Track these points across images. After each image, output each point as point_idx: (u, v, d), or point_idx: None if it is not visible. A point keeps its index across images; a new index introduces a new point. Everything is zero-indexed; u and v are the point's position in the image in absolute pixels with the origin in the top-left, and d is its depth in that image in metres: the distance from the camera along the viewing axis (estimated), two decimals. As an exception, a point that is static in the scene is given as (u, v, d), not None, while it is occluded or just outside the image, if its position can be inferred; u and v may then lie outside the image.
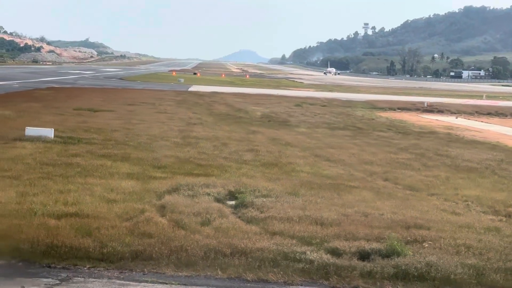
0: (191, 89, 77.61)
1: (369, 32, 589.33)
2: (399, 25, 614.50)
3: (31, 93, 51.85)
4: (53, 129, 24.94)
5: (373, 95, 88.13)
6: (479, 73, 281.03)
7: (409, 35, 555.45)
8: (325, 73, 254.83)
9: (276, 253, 11.65)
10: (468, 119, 54.75)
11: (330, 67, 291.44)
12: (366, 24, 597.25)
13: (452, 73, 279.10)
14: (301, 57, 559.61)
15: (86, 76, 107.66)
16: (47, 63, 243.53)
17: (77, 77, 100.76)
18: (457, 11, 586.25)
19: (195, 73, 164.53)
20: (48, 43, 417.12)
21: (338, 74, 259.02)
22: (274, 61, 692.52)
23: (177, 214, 14.02)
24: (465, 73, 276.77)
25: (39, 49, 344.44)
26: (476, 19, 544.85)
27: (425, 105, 63.76)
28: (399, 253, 11.78)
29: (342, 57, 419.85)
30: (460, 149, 29.50)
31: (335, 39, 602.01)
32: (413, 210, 15.48)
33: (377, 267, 11.17)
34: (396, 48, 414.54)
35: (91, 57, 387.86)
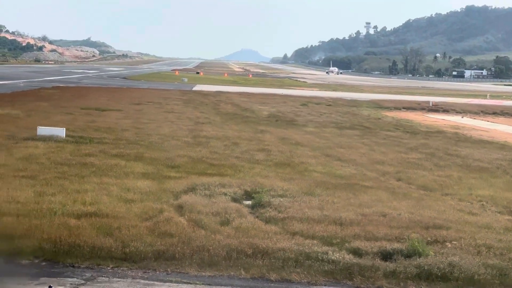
0: (196, 89, 77.63)
1: (371, 31, 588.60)
2: (401, 24, 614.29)
3: (38, 92, 51.90)
4: (64, 128, 24.98)
5: (377, 94, 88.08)
6: (482, 72, 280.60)
7: (410, 34, 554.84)
8: (327, 73, 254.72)
9: (298, 253, 11.67)
10: (474, 118, 54.72)
11: (332, 66, 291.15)
12: (368, 23, 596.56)
13: (454, 73, 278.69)
14: (302, 57, 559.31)
15: (90, 75, 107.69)
16: (50, 62, 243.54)
17: (81, 76, 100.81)
18: (459, 10, 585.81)
19: (197, 73, 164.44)
20: (50, 42, 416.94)
21: (341, 73, 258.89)
22: (275, 60, 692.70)
23: (196, 214, 14.05)
24: (467, 73, 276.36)
25: (41, 48, 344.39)
26: (478, 18, 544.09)
27: (430, 104, 63.70)
28: (420, 253, 11.79)
29: (344, 56, 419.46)
30: (469, 149, 29.51)
31: (337, 38, 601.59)
32: (430, 210, 15.49)
33: (400, 267, 11.19)
34: (398, 48, 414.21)
35: (93, 56, 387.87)
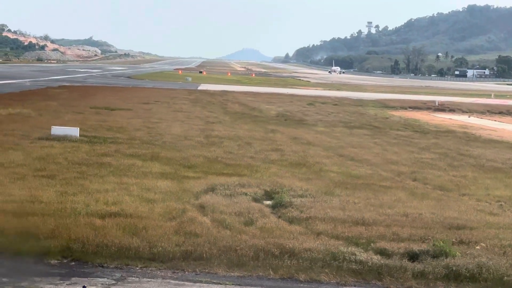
0: (201, 88, 77.65)
1: (373, 30, 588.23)
2: (402, 23, 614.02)
3: (45, 91, 51.95)
4: (78, 128, 25.01)
5: (381, 94, 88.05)
6: (484, 72, 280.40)
7: (412, 34, 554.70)
8: (330, 72, 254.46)
9: (325, 253, 11.67)
10: (481, 118, 54.72)
11: (335, 66, 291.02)
12: (369, 22, 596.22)
13: (456, 72, 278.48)
14: (304, 56, 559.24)
15: (94, 74, 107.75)
16: (52, 61, 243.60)
17: (85, 75, 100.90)
18: (460, 10, 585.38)
19: (200, 72, 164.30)
20: (52, 41, 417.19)
21: (343, 73, 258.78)
22: (277, 59, 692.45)
23: (219, 214, 14.07)
24: (470, 72, 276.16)
25: (43, 47, 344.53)
26: (480, 18, 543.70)
27: (436, 104, 63.70)
28: (447, 254, 11.80)
29: (346, 55, 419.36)
30: (480, 149, 29.52)
31: (338, 37, 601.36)
32: (450, 211, 15.50)
33: (428, 267, 11.19)
34: (399, 47, 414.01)
35: (95, 55, 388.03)
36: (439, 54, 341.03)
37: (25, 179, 16.44)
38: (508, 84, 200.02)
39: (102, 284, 10.37)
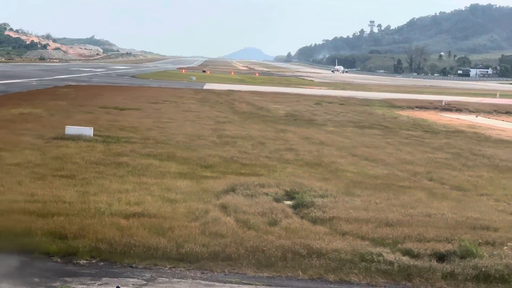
0: (206, 87, 77.59)
1: (375, 30, 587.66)
2: (405, 23, 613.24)
3: (53, 91, 51.97)
4: (92, 128, 25.02)
5: (386, 93, 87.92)
6: (487, 71, 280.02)
7: (415, 33, 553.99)
8: (333, 71, 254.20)
9: (352, 254, 11.67)
10: (488, 118, 54.63)
11: (338, 65, 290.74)
12: (372, 22, 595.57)
13: (459, 71, 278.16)
14: (306, 55, 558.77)
15: (98, 73, 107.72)
16: (54, 60, 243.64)
17: (90, 74, 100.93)
18: (463, 9, 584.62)
19: (204, 71, 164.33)
20: (54, 40, 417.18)
21: (346, 72, 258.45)
22: (279, 59, 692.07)
23: (242, 214, 14.06)
24: (472, 71, 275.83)
25: (45, 46, 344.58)
26: (482, 17, 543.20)
27: (443, 103, 63.59)
28: (474, 255, 11.78)
29: (348, 55, 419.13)
30: (492, 149, 29.50)
31: (340, 37, 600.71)
32: (472, 211, 15.47)
33: (457, 268, 11.19)
34: (402, 46, 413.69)
35: (97, 54, 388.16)
36: (442, 53, 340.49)
37: (45, 179, 16.46)
38: (511, 84, 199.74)
39: (134, 284, 10.37)
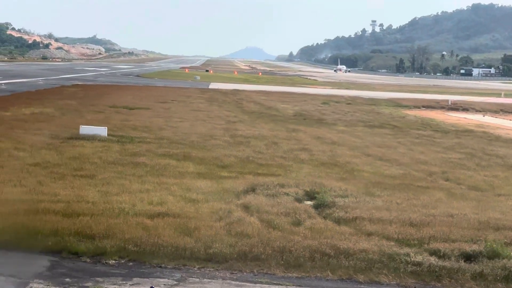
0: (212, 87, 77.62)
1: (377, 29, 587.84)
2: (406, 22, 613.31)
3: (60, 90, 52.00)
4: (106, 127, 25.04)
5: (391, 92, 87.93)
6: (490, 70, 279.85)
7: (416, 32, 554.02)
8: (335, 71, 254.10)
9: (380, 254, 11.67)
10: (496, 117, 54.59)
11: (340, 64, 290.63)
12: (373, 21, 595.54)
13: (462, 71, 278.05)
14: (308, 55, 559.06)
15: (103, 73, 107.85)
16: (57, 60, 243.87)
17: (95, 74, 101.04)
18: (465, 8, 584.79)
19: (207, 70, 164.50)
20: (56, 39, 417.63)
21: (349, 71, 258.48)
22: (281, 58, 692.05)
23: (265, 214, 14.07)
24: (475, 71, 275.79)
25: (47, 45, 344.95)
26: (484, 16, 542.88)
27: (449, 103, 63.53)
28: (501, 255, 11.77)
29: (350, 54, 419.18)
30: (504, 148, 29.50)
31: (342, 36, 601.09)
32: (492, 211, 15.47)
33: (486, 269, 11.17)
34: (404, 46, 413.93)
35: (99, 54, 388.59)
36: (444, 52, 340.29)
37: (66, 179, 16.48)
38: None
39: (165, 284, 10.38)
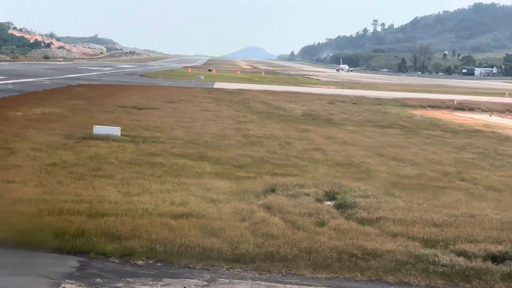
0: (216, 86, 77.60)
1: (378, 28, 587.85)
2: (408, 22, 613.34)
3: (68, 90, 52.00)
4: (120, 127, 25.05)
5: (396, 92, 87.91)
6: (492, 70, 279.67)
7: (418, 32, 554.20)
8: (337, 70, 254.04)
9: (407, 255, 11.66)
10: (502, 117, 54.57)
11: (342, 63, 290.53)
12: (375, 20, 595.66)
13: (464, 70, 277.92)
14: (310, 54, 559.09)
15: (106, 72, 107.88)
16: (59, 59, 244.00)
17: (99, 73, 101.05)
18: (466, 8, 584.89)
19: (210, 70, 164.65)
20: (58, 39, 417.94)
21: (351, 71, 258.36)
22: (282, 57, 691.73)
23: (288, 214, 14.06)
24: (477, 70, 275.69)
25: (49, 45, 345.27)
26: (486, 16, 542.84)
27: (455, 103, 63.53)
28: (527, 256, 11.77)
29: (352, 54, 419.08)
30: (515, 148, 29.47)
31: (344, 35, 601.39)
32: (513, 212, 15.46)
33: (515, 270, 11.17)
34: (405, 45, 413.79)
35: (100, 53, 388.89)
36: (446, 52, 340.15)
37: (85, 179, 16.48)
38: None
39: (196, 285, 10.37)
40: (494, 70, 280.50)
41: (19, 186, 15.09)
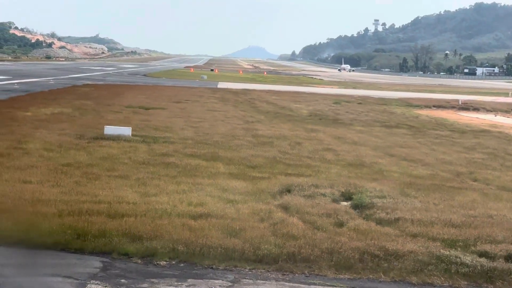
0: (220, 86, 77.60)
1: (379, 28, 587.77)
2: (409, 21, 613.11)
3: (73, 90, 52.02)
4: (130, 128, 25.07)
5: (399, 92, 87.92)
6: (493, 70, 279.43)
7: (419, 31, 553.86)
8: (339, 70, 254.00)
9: (429, 256, 11.66)
10: (507, 117, 54.53)
11: (344, 63, 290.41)
12: (376, 20, 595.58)
13: (466, 70, 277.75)
14: (311, 54, 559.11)
15: (110, 72, 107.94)
16: (60, 59, 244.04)
17: (102, 73, 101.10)
18: (468, 7, 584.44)
19: (212, 70, 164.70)
20: (59, 39, 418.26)
21: (353, 70, 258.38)
22: (283, 57, 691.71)
23: (306, 215, 14.06)
24: (479, 70, 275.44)
25: (50, 45, 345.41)
26: (487, 15, 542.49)
27: (460, 102, 63.51)
28: (548, 257, 11.77)
29: (353, 53, 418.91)
30: (525, 149, 29.45)
31: (345, 35, 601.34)
32: (530, 212, 15.44)
33: (539, 271, 11.16)
34: (407, 45, 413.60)
35: (102, 53, 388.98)
36: (447, 52, 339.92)
37: (101, 179, 16.48)
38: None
39: (220, 286, 10.38)
40: (496, 70, 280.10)
41: (36, 186, 15.10)
